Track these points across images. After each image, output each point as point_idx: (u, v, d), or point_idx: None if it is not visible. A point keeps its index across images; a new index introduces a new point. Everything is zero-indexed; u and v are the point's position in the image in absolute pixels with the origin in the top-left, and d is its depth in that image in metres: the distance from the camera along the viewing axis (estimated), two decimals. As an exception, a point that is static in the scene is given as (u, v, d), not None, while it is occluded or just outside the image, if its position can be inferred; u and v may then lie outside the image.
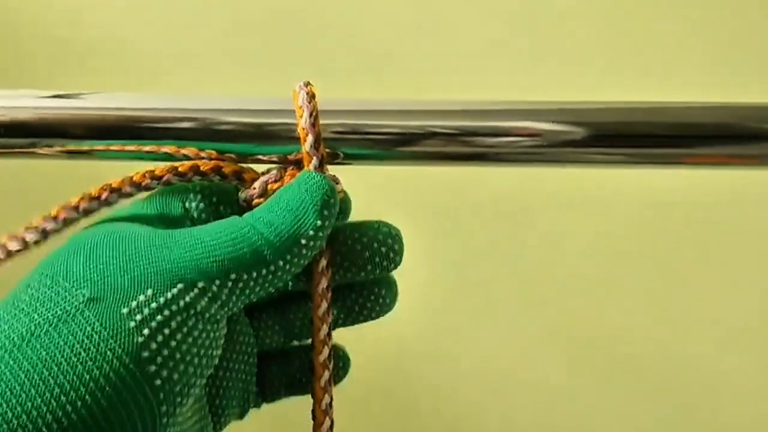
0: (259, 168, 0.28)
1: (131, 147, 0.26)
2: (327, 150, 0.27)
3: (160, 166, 0.26)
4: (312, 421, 0.26)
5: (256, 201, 0.27)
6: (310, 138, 0.26)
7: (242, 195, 0.27)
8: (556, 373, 0.61)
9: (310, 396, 0.27)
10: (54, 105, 0.27)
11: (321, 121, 0.26)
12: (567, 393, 0.62)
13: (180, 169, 0.26)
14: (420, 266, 0.55)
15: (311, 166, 0.26)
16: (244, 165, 0.27)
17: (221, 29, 0.59)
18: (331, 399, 0.26)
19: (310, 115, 0.26)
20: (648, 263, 0.60)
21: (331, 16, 0.59)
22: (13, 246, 0.25)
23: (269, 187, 0.27)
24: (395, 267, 0.28)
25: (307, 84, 0.27)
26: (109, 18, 0.60)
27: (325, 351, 0.26)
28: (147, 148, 0.26)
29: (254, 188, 0.27)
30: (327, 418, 0.26)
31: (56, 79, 0.59)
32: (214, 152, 0.26)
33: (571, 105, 0.28)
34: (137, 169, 0.27)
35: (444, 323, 0.61)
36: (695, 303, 0.60)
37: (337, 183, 0.27)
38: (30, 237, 0.25)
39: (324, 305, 0.27)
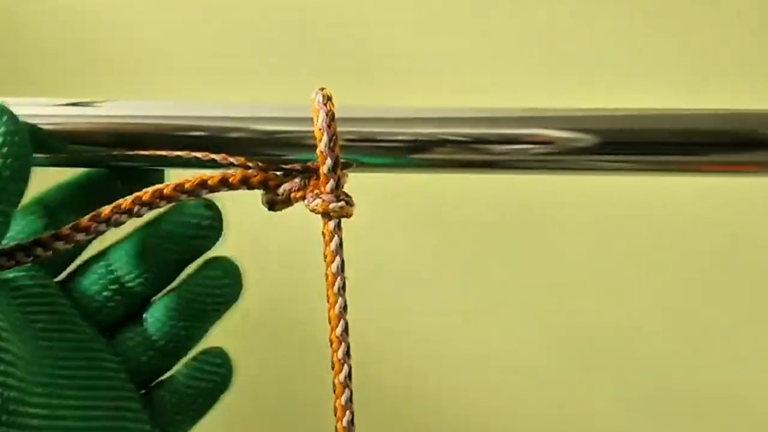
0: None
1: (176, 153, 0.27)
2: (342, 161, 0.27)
3: (189, 180, 0.27)
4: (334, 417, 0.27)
5: (278, 207, 0.28)
6: (325, 138, 0.26)
7: (264, 198, 0.28)
8: (559, 375, 0.61)
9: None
10: (70, 113, 0.27)
11: (332, 129, 0.27)
12: (570, 394, 0.61)
13: (209, 182, 0.27)
14: (422, 267, 0.55)
15: (325, 167, 0.26)
16: (270, 173, 0.27)
17: (220, 33, 0.59)
18: (351, 393, 0.27)
19: (326, 115, 0.26)
20: (654, 267, 0.60)
21: (335, 20, 0.59)
22: (41, 253, 0.26)
23: (292, 195, 0.27)
24: (216, 238, 0.28)
25: (323, 89, 0.27)
26: (124, 23, 0.60)
27: (343, 347, 0.27)
28: (177, 153, 0.27)
29: (278, 194, 0.27)
30: (347, 412, 0.27)
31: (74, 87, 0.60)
32: (242, 158, 0.27)
33: (582, 112, 0.28)
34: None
35: (445, 324, 0.61)
36: (703, 309, 0.60)
37: (350, 204, 0.27)
38: (59, 245, 0.26)
39: (340, 302, 0.27)
